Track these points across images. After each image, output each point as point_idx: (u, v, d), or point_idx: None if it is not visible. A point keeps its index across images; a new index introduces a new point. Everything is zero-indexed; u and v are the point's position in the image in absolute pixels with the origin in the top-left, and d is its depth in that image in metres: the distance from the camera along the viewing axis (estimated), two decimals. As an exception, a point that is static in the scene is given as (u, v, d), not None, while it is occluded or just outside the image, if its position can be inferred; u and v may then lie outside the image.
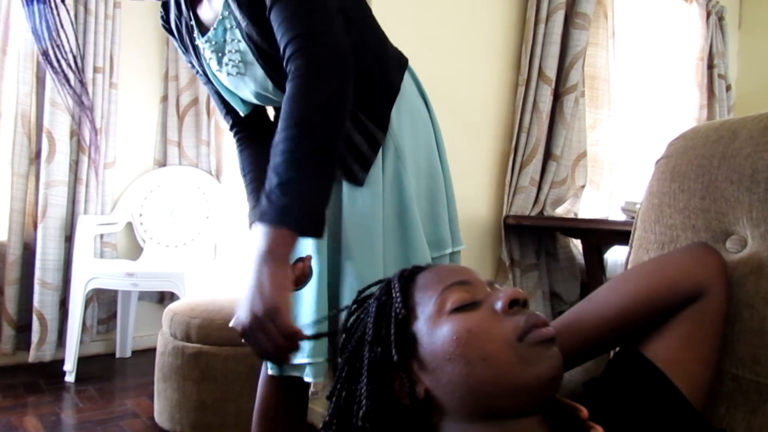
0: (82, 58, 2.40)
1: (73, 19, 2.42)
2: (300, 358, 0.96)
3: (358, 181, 0.96)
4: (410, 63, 1.10)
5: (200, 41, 1.01)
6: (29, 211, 2.47)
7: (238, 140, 1.15)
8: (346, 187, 0.97)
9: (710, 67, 3.26)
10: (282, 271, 0.75)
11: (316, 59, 0.82)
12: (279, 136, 0.79)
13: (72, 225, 2.51)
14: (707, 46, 3.21)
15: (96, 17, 2.49)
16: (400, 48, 1.11)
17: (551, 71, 2.45)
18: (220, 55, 0.99)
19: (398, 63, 1.06)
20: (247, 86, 1.01)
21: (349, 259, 0.96)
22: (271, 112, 1.17)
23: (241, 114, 1.10)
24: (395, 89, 1.02)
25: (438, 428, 0.61)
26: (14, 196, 2.41)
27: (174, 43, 1.11)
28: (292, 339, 0.73)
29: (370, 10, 1.04)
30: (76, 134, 2.53)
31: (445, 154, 1.12)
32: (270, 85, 0.97)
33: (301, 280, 0.85)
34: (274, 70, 0.95)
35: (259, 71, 0.97)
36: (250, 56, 0.95)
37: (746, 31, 3.63)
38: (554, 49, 2.44)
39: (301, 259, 0.85)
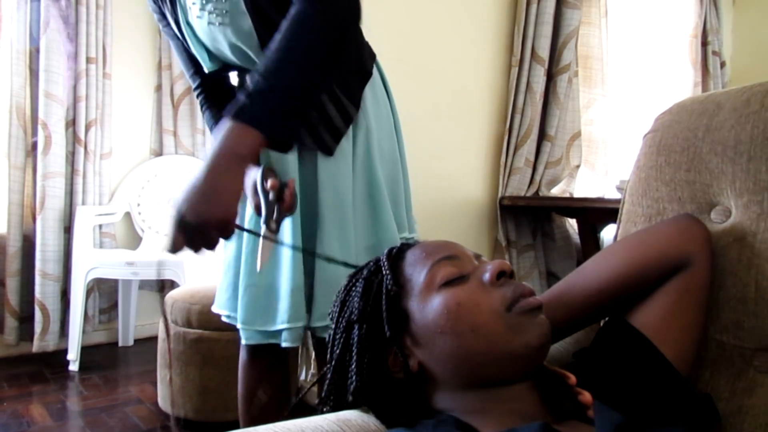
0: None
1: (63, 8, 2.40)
2: (279, 323, 1.00)
3: (328, 150, 1.00)
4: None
5: None
6: (27, 203, 2.47)
7: (203, 99, 1.17)
8: (320, 158, 1.01)
9: (704, 44, 3.25)
10: (240, 175, 0.77)
11: None
12: (275, 45, 0.81)
13: (70, 216, 2.52)
14: (701, 23, 3.20)
15: (87, 7, 2.47)
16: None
17: (544, 51, 2.45)
18: (204, 1, 0.98)
19: (370, 52, 1.12)
20: (226, 38, 1.01)
21: (322, 229, 1.01)
22: (234, 80, 1.18)
23: (206, 70, 1.09)
24: (368, 72, 1.08)
25: (432, 399, 0.63)
26: (12, 189, 2.42)
27: None
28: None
29: None
30: (71, 126, 2.53)
31: (404, 147, 1.18)
32: (255, 40, 0.98)
33: (292, 206, 0.87)
34: (263, 24, 0.95)
35: (246, 23, 0.96)
36: (242, 6, 0.95)
37: (741, 8, 3.61)
38: (547, 29, 2.43)
39: (285, 184, 0.86)
